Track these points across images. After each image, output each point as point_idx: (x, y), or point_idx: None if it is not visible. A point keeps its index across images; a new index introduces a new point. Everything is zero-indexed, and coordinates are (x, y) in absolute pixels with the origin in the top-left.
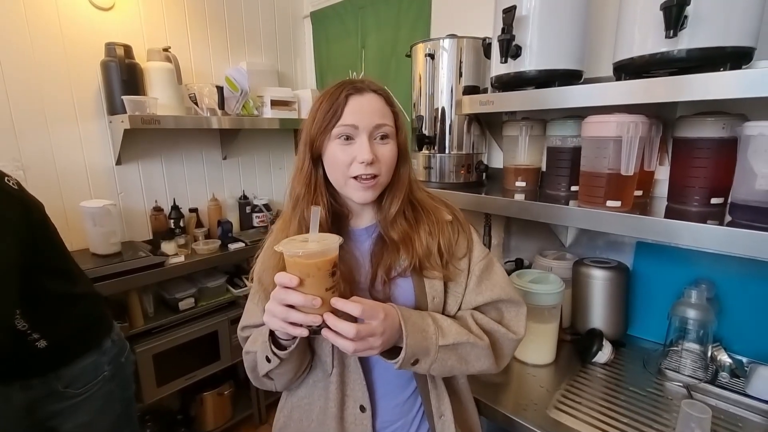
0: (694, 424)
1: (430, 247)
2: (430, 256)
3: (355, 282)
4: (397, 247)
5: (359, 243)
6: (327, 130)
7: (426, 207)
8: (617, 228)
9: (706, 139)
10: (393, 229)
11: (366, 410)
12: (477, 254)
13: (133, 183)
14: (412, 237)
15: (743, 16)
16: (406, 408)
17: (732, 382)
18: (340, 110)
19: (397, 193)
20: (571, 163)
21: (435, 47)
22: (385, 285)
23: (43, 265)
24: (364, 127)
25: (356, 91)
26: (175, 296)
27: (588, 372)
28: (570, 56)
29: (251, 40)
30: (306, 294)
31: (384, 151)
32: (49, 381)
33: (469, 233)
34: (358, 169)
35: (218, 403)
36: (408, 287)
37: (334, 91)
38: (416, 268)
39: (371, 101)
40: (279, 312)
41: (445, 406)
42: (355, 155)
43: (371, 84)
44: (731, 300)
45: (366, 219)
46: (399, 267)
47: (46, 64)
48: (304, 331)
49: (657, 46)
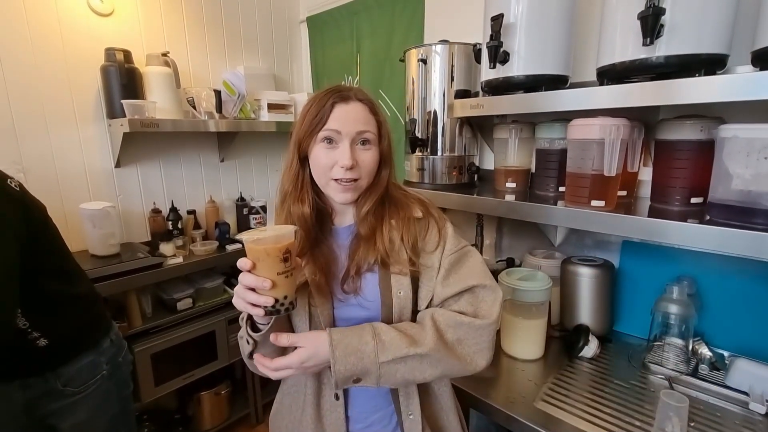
0: (672, 412)
1: (393, 240)
2: (392, 251)
3: (330, 273)
4: (366, 241)
5: (340, 240)
6: (313, 133)
7: (397, 204)
8: (602, 227)
9: (685, 141)
10: (362, 225)
11: (340, 398)
12: (449, 248)
13: (132, 185)
14: (376, 233)
15: (715, 25)
16: (385, 401)
17: (712, 374)
18: (326, 117)
19: (373, 193)
20: (559, 164)
21: (427, 52)
22: (354, 279)
23: (45, 265)
24: (347, 133)
25: (342, 100)
26: (173, 297)
27: (575, 366)
28: (556, 62)
29: (248, 45)
30: (258, 276)
31: (365, 157)
32: (48, 379)
33: (442, 228)
34: (339, 172)
35: (215, 403)
36: (374, 281)
37: (322, 97)
38: (382, 263)
39: (356, 109)
40: (240, 292)
41: (414, 406)
42: (337, 159)
43: (358, 93)
44: (711, 296)
45: (348, 218)
46: (367, 262)
47: (47, 69)
48: (260, 311)
49: (636, 53)
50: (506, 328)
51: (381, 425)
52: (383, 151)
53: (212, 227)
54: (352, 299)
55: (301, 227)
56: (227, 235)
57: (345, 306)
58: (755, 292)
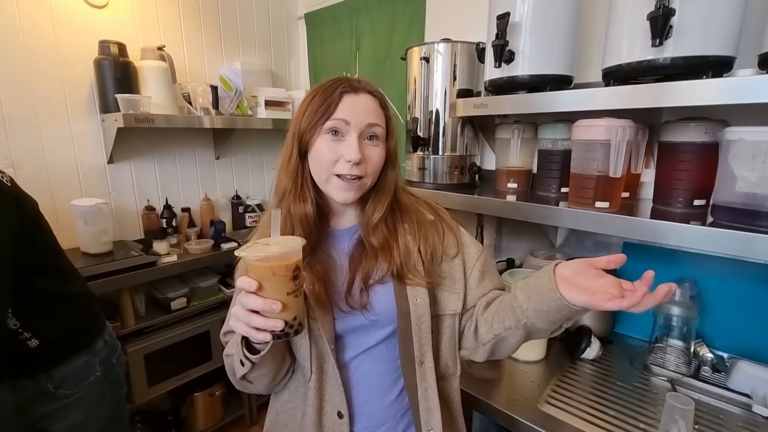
0: (678, 415)
1: (410, 250)
2: (409, 261)
3: (330, 282)
4: (375, 254)
5: (338, 243)
6: (318, 124)
7: (408, 209)
8: (605, 228)
9: (689, 143)
10: (374, 236)
11: (343, 416)
12: (474, 250)
13: (125, 182)
14: (391, 244)
15: (723, 27)
16: (391, 412)
17: (714, 376)
18: (334, 105)
19: (382, 199)
20: (562, 165)
21: (430, 51)
22: (363, 293)
23: (36, 262)
24: (356, 125)
25: (352, 90)
26: (167, 296)
27: (577, 368)
28: (561, 62)
29: (246, 40)
30: (266, 298)
31: (372, 153)
32: (40, 381)
33: (457, 231)
34: (343, 168)
35: (209, 404)
36: (386, 294)
37: (330, 86)
38: (396, 275)
39: (366, 101)
40: (242, 316)
41: (435, 420)
42: (342, 153)
43: (367, 85)
44: (713, 298)
45: (347, 220)
46: (377, 274)
47: (38, 62)
48: (267, 336)
49: (643, 53)
50: None
51: None
52: (390, 150)
53: (207, 225)
54: (358, 312)
55: (302, 229)
56: (223, 234)
57: (348, 317)
58: (756, 294)
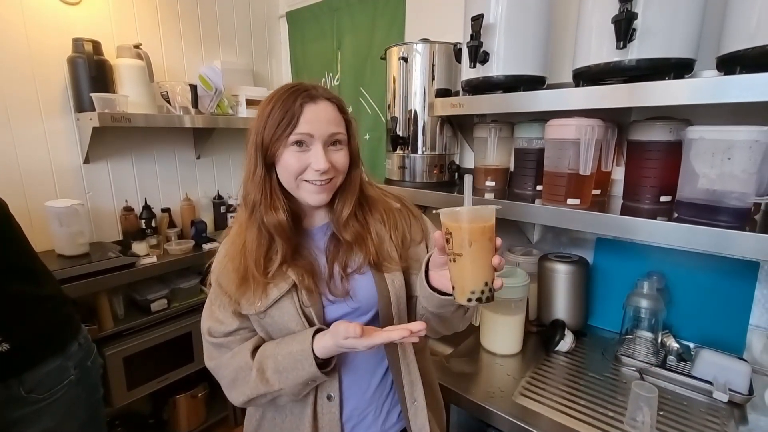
0: (643, 402)
1: (382, 238)
2: (383, 250)
3: (316, 275)
4: (350, 246)
5: (315, 240)
6: (282, 137)
7: (375, 201)
8: (577, 224)
9: (655, 141)
10: (345, 231)
11: (333, 398)
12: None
13: (102, 182)
14: (364, 236)
15: (684, 30)
16: (377, 394)
17: (679, 365)
18: (296, 118)
19: (348, 196)
20: (537, 163)
21: (408, 51)
22: (344, 281)
23: (6, 264)
24: (320, 136)
25: (311, 99)
26: (147, 297)
27: (551, 360)
28: (534, 63)
29: (226, 39)
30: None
31: (337, 158)
32: (11, 386)
33: (421, 218)
34: (312, 175)
35: (192, 406)
36: (365, 282)
37: (287, 97)
38: (373, 264)
39: (326, 109)
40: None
41: (418, 392)
42: (309, 162)
43: (324, 92)
44: (679, 290)
45: (319, 218)
46: (354, 264)
47: (9, 59)
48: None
49: (610, 55)
50: (486, 324)
51: (373, 417)
52: (353, 151)
53: (188, 226)
54: (341, 300)
55: (279, 236)
56: (204, 234)
57: (334, 306)
58: (719, 286)
